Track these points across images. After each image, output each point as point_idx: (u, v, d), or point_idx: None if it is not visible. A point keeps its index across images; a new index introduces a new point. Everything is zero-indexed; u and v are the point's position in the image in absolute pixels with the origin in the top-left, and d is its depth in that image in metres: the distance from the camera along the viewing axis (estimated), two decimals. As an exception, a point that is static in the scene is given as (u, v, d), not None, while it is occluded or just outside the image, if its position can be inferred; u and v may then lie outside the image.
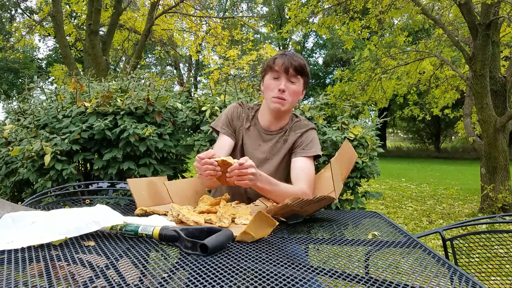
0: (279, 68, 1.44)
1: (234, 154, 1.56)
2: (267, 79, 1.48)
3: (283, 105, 1.46)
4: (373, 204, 6.18)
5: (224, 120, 1.56)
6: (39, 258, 0.84)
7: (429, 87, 8.39)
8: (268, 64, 1.48)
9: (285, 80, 1.44)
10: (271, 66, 1.46)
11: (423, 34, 12.08)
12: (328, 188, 1.19)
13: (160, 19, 9.98)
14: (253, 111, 1.60)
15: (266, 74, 1.49)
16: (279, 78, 1.45)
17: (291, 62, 1.43)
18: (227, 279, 0.72)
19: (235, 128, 1.56)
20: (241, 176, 1.16)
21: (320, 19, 7.28)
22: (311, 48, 27.85)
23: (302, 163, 1.45)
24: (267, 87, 1.48)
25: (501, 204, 5.34)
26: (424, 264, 0.87)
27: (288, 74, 1.44)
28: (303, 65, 1.46)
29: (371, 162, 2.81)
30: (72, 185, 2.01)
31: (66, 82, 4.42)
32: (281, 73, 1.44)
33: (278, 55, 1.47)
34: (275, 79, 1.46)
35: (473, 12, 5.40)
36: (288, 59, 1.43)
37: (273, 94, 1.45)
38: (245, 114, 1.59)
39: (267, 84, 1.48)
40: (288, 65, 1.43)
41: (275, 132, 1.55)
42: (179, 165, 2.99)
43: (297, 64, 1.44)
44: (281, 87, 1.43)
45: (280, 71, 1.44)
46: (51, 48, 23.83)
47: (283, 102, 1.45)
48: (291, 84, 1.45)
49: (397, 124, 29.22)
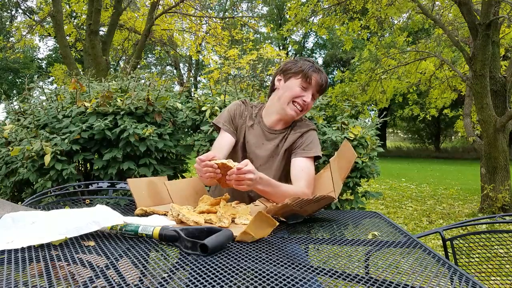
0: (315, 82, 1.47)
1: (235, 151, 1.55)
2: (293, 83, 1.48)
3: (298, 115, 1.51)
4: (373, 204, 6.18)
5: (226, 117, 1.55)
6: (39, 258, 0.84)
7: (430, 87, 8.40)
8: (304, 71, 1.47)
9: (312, 95, 1.49)
10: (308, 76, 1.46)
11: (423, 34, 12.09)
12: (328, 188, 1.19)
13: (160, 19, 9.98)
14: (256, 109, 1.61)
15: (295, 78, 1.48)
16: (307, 90, 1.47)
17: (325, 82, 1.49)
18: (227, 279, 0.72)
19: (237, 126, 1.56)
20: (239, 180, 1.16)
21: (320, 19, 7.29)
22: (311, 48, 27.86)
23: (302, 163, 1.46)
24: (290, 91, 1.48)
25: (501, 204, 5.34)
26: (424, 264, 0.87)
27: (317, 92, 1.49)
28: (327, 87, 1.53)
29: (371, 162, 2.81)
30: (72, 185, 2.01)
31: (66, 82, 4.42)
32: (313, 87, 1.47)
33: (315, 69, 1.48)
34: (303, 89, 1.47)
35: (473, 12, 5.40)
36: (324, 78, 1.49)
37: (297, 100, 1.47)
38: (248, 112, 1.59)
39: (292, 88, 1.48)
40: (323, 83, 1.48)
41: (278, 131, 1.55)
42: (179, 165, 2.99)
43: (325, 86, 1.50)
44: (308, 100, 1.47)
45: (313, 85, 1.47)
46: (51, 48, 23.84)
47: (301, 113, 1.50)
48: (312, 100, 1.51)
49: (397, 124, 29.22)
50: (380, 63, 7.62)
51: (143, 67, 16.63)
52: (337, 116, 3.09)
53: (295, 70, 1.48)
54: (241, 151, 1.55)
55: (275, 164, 1.51)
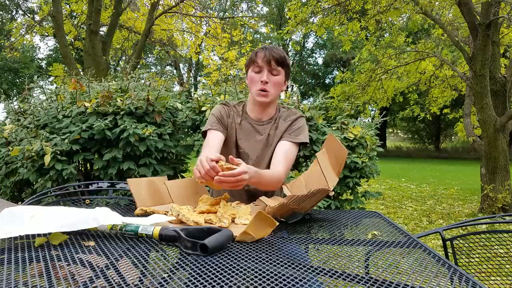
0: (261, 61, 1.48)
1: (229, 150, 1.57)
2: (250, 73, 1.53)
3: (267, 97, 1.51)
4: (373, 204, 6.18)
5: (213, 120, 1.56)
6: (39, 258, 0.84)
7: (430, 86, 8.40)
8: (250, 58, 1.53)
9: (267, 72, 1.49)
10: (254, 59, 1.50)
11: (423, 34, 12.08)
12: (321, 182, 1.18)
13: (160, 19, 9.98)
14: (239, 106, 1.64)
15: (249, 68, 1.54)
16: (261, 71, 1.50)
17: (272, 55, 1.48)
18: (227, 279, 0.72)
19: (227, 125, 1.58)
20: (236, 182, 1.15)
21: (320, 19, 7.28)
22: (311, 48, 27.86)
23: (286, 147, 1.49)
24: (251, 81, 1.53)
25: (501, 204, 5.34)
26: (424, 264, 0.87)
27: (270, 66, 1.49)
28: (284, 57, 1.51)
29: (371, 162, 2.81)
30: (72, 185, 2.01)
31: (66, 82, 4.41)
32: (263, 66, 1.49)
33: (258, 49, 1.52)
34: (258, 73, 1.50)
35: (473, 12, 5.40)
36: (269, 52, 1.48)
37: (257, 87, 1.50)
38: (233, 111, 1.62)
39: (250, 77, 1.53)
40: (269, 57, 1.47)
41: (266, 122, 1.59)
42: (179, 165, 3.00)
43: (278, 56, 1.48)
44: (263, 78, 1.48)
45: (262, 64, 1.49)
46: (51, 48, 23.83)
47: (267, 94, 1.50)
48: (273, 76, 1.50)
49: (397, 124, 29.22)
50: (380, 63, 7.62)
51: (143, 67, 16.61)
52: (337, 116, 3.09)
53: (247, 62, 1.55)
54: (235, 149, 1.57)
55: (268, 155, 1.55)
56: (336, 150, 1.23)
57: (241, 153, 1.56)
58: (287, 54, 1.55)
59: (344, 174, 2.76)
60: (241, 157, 1.54)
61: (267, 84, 1.48)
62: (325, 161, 1.27)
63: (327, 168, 1.23)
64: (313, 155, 2.74)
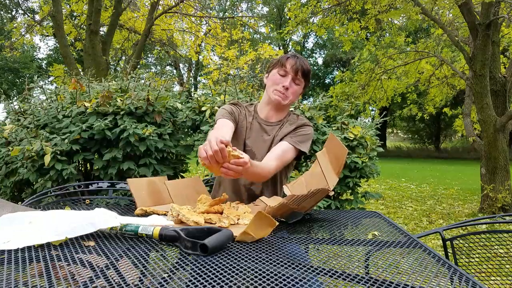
0: (290, 67, 1.51)
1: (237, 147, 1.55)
2: (274, 73, 1.55)
3: (284, 100, 1.54)
4: (373, 204, 6.18)
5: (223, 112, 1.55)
6: (39, 258, 0.84)
7: (429, 86, 8.40)
8: (279, 60, 1.55)
9: (291, 80, 1.52)
10: (283, 63, 1.53)
11: (423, 34, 12.08)
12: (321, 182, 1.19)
13: (160, 19, 9.97)
14: (251, 107, 1.66)
15: (274, 68, 1.56)
16: (285, 76, 1.52)
17: (301, 65, 1.52)
18: (227, 279, 0.72)
19: (237, 121, 1.59)
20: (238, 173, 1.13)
21: (320, 20, 7.28)
22: (311, 48, 27.85)
23: (285, 147, 1.49)
24: (272, 81, 1.54)
25: (501, 204, 5.34)
26: (424, 264, 0.87)
27: (296, 76, 1.52)
28: (309, 70, 1.55)
29: (371, 162, 2.81)
30: (72, 185, 2.01)
31: (66, 82, 4.41)
32: (290, 72, 1.52)
33: (290, 55, 1.54)
34: (282, 76, 1.53)
35: (473, 12, 5.40)
36: (300, 62, 1.52)
37: (277, 88, 1.52)
38: (245, 110, 1.64)
39: (273, 78, 1.54)
40: (298, 67, 1.51)
41: (275, 123, 1.60)
42: (179, 165, 3.00)
43: (305, 68, 1.53)
44: (286, 84, 1.51)
45: (289, 71, 1.51)
46: (51, 48, 23.83)
47: (285, 97, 1.53)
48: (295, 85, 1.54)
49: (397, 124, 29.20)
50: (380, 63, 7.61)
51: (143, 67, 16.61)
52: (337, 116, 3.09)
53: (274, 62, 1.58)
54: (243, 146, 1.58)
55: None
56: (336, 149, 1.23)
57: (248, 151, 1.56)
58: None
59: (344, 174, 2.76)
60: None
61: (287, 91, 1.52)
62: (325, 161, 1.27)
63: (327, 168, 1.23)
64: (313, 155, 2.74)
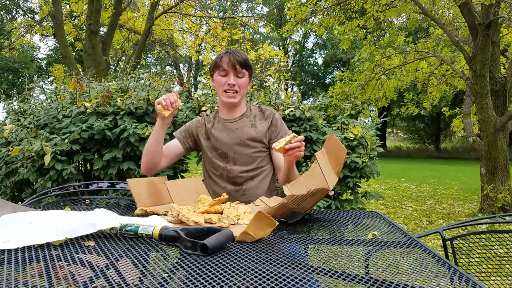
0: (226, 65, 1.56)
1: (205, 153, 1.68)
2: (216, 76, 1.60)
3: (235, 98, 1.60)
4: (373, 204, 6.18)
5: (182, 128, 1.72)
6: (39, 258, 0.84)
7: (426, 85, 8.40)
8: (215, 62, 1.60)
9: (233, 76, 1.57)
10: (219, 64, 1.58)
11: (423, 34, 12.08)
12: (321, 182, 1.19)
13: (160, 19, 9.97)
14: (214, 113, 1.75)
15: (214, 72, 1.61)
16: (227, 75, 1.58)
17: (236, 59, 1.56)
18: (227, 279, 0.72)
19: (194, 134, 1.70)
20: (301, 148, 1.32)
21: (319, 19, 7.29)
22: (311, 48, 27.84)
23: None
24: (217, 84, 1.61)
25: (501, 204, 5.34)
26: (424, 264, 0.87)
27: (235, 70, 1.57)
28: (246, 59, 1.60)
29: (371, 162, 2.81)
30: (72, 185, 2.01)
31: (66, 82, 4.41)
32: (229, 69, 1.56)
33: (222, 54, 1.60)
34: (224, 76, 1.58)
35: (473, 12, 5.39)
36: (233, 56, 1.56)
37: (224, 88, 1.58)
38: (205, 119, 1.72)
39: (216, 81, 1.61)
40: (234, 61, 1.55)
41: (237, 118, 1.66)
42: (179, 165, 2.99)
43: (241, 60, 1.57)
44: (231, 82, 1.57)
45: (227, 68, 1.56)
46: (51, 48, 23.82)
47: (235, 95, 1.59)
48: (238, 78, 1.58)
49: (397, 124, 29.20)
50: (380, 63, 7.61)
51: (143, 67, 16.60)
52: (337, 116, 3.09)
53: (212, 67, 1.63)
54: (212, 151, 1.64)
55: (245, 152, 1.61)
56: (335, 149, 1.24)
57: (220, 154, 1.63)
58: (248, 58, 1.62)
59: (344, 174, 2.76)
60: (221, 157, 1.62)
61: (234, 87, 1.57)
62: (325, 161, 1.27)
63: (326, 168, 1.23)
64: (313, 155, 2.74)
